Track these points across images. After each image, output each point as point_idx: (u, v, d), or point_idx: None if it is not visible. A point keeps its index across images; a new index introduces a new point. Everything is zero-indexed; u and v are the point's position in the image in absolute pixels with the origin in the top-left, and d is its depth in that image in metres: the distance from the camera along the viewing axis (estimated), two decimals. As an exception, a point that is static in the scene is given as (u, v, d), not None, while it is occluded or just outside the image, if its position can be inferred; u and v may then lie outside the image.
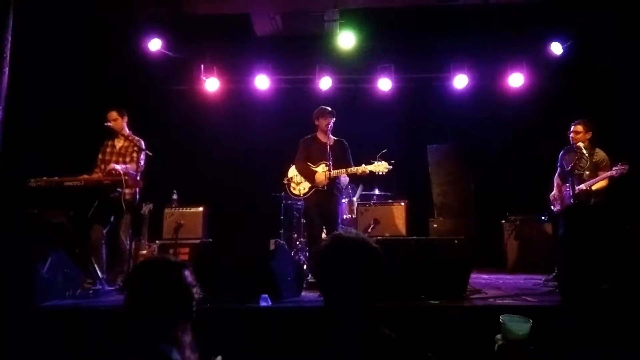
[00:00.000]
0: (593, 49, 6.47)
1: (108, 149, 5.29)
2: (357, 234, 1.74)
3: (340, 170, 5.15)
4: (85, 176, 4.84)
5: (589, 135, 5.21)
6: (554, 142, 5.63)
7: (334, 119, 5.27)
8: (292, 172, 5.49)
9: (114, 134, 5.25)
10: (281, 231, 6.50)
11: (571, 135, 5.26)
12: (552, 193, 5.48)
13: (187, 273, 1.87)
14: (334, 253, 1.66)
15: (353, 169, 5.15)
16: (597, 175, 5.06)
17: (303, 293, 4.29)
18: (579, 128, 5.22)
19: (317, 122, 5.34)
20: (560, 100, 6.82)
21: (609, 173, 4.97)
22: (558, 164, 5.51)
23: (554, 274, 5.08)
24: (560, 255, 5.23)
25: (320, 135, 5.36)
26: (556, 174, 5.54)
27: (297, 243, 6.31)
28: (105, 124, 5.14)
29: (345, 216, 6.51)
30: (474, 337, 3.22)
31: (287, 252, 4.40)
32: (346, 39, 6.69)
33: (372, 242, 1.68)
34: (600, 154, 5.18)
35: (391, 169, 5.10)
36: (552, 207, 5.52)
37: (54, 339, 3.28)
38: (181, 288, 1.83)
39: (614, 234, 4.48)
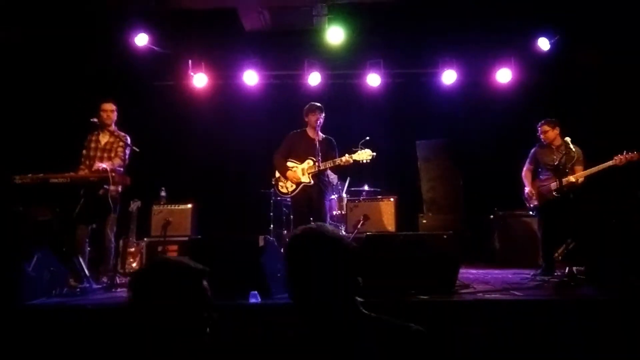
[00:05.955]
0: (580, 44, 6.51)
1: (92, 144, 5.12)
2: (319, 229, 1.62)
3: (325, 164, 5.16)
4: (72, 173, 4.76)
5: (557, 131, 5.24)
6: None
7: (323, 114, 5.29)
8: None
9: (98, 128, 5.06)
10: (270, 228, 6.48)
11: (541, 136, 5.31)
12: (527, 190, 5.39)
13: (205, 284, 1.62)
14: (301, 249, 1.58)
15: (337, 160, 5.15)
16: (572, 170, 5.04)
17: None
18: (545, 127, 5.27)
19: (306, 119, 5.35)
20: (548, 95, 6.86)
21: (610, 162, 4.91)
22: (528, 160, 5.50)
23: (541, 268, 5.14)
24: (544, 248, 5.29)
25: (310, 131, 5.36)
26: (525, 170, 5.50)
27: (287, 239, 6.27)
28: (92, 119, 4.91)
29: (335, 212, 6.53)
30: (464, 332, 3.26)
31: (277, 249, 4.38)
32: (335, 34, 6.66)
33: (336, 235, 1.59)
34: (575, 149, 5.20)
35: (375, 155, 5.09)
36: (528, 204, 5.47)
37: (41, 337, 3.24)
38: (197, 302, 1.59)
39: (592, 226, 4.52)
